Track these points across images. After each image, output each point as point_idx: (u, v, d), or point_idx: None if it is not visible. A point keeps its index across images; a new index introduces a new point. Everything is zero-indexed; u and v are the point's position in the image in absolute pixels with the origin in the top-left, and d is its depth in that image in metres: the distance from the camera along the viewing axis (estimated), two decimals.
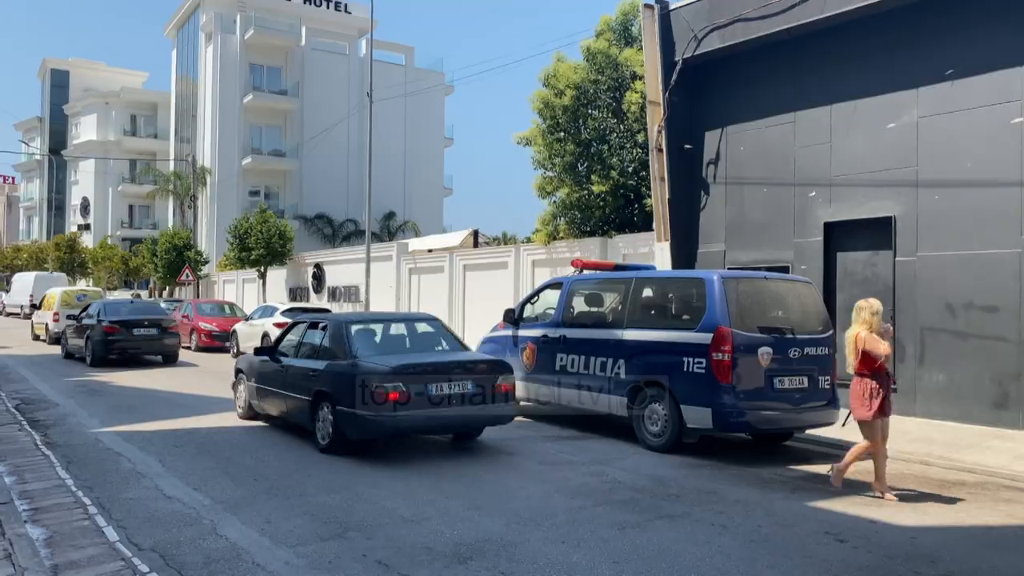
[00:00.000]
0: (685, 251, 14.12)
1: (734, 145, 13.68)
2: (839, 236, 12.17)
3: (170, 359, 18.83)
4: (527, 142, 18.54)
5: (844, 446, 9.28)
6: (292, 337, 10.04)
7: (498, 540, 5.46)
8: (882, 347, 6.91)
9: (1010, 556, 5.52)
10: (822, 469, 8.22)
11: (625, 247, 16.29)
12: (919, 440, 9.06)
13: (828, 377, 8.94)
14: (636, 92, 16.22)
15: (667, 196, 14.02)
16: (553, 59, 18.37)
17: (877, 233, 11.60)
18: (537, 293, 11.73)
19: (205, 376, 16.30)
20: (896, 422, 10.68)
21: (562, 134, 17.72)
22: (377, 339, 9.56)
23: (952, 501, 6.75)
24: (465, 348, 9.77)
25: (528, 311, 11.50)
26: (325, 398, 8.59)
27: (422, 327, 10.02)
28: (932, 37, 11.03)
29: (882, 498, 6.87)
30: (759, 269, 11.80)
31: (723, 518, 6.13)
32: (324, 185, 43.11)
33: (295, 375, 9.30)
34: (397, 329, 10.07)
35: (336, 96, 43.45)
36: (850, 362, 7.11)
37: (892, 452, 8.85)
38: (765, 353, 8.40)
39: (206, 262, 37.96)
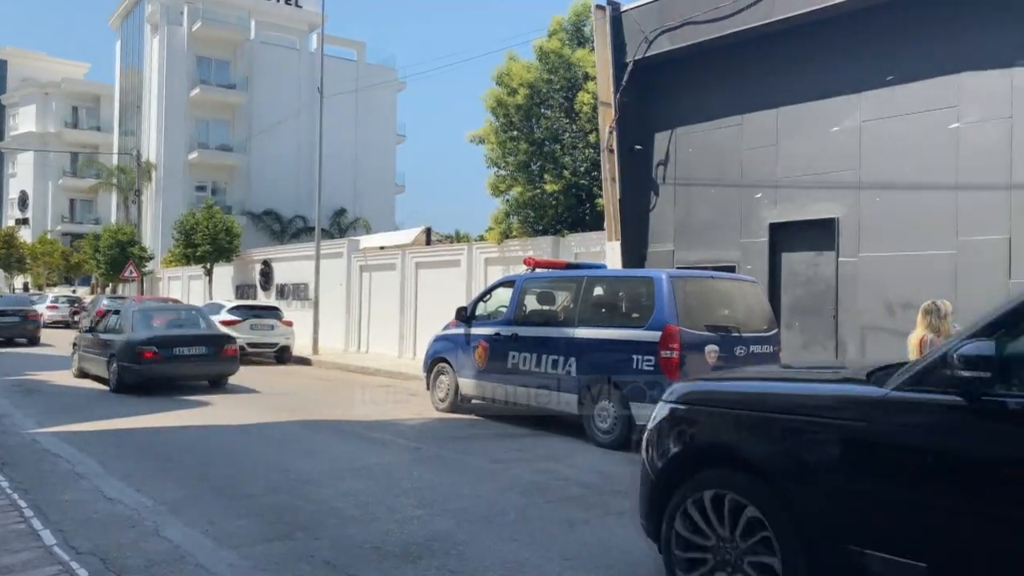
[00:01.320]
0: (635, 250, 14.27)
1: (683, 146, 13.87)
2: (784, 237, 12.44)
3: (33, 342, 23.66)
4: (480, 140, 18.52)
5: None
6: (107, 319, 14.37)
7: (448, 538, 5.44)
8: None
9: None
10: None
11: (577, 246, 16.39)
12: None
13: None
14: (588, 92, 16.32)
15: (618, 196, 14.16)
16: (506, 58, 18.39)
17: (821, 234, 11.88)
18: (490, 291, 11.73)
19: None
20: None
21: (515, 133, 17.76)
22: (153, 320, 13.82)
23: None
24: (212, 326, 14.60)
25: (480, 309, 11.50)
26: (114, 358, 12.97)
27: (190, 313, 15.04)
28: (875, 43, 11.33)
29: None
30: (706, 269, 12.00)
31: None
32: (273, 181, 42.38)
33: (101, 343, 13.68)
34: (171, 314, 14.79)
35: (286, 91, 42.76)
36: None
37: None
38: (712, 351, 8.55)
39: (151, 258, 37.04)
